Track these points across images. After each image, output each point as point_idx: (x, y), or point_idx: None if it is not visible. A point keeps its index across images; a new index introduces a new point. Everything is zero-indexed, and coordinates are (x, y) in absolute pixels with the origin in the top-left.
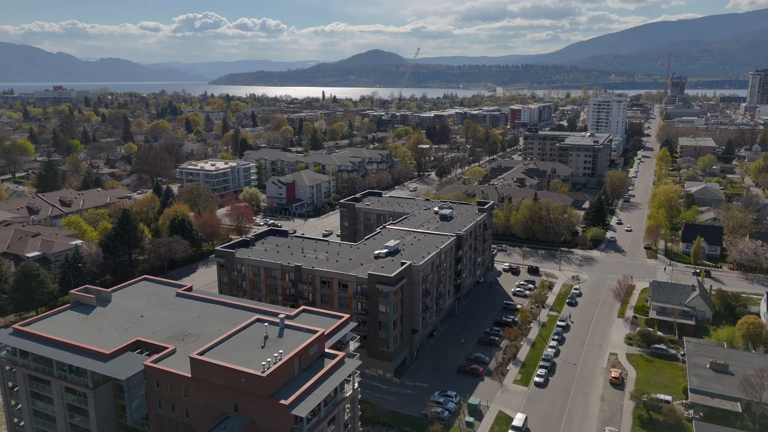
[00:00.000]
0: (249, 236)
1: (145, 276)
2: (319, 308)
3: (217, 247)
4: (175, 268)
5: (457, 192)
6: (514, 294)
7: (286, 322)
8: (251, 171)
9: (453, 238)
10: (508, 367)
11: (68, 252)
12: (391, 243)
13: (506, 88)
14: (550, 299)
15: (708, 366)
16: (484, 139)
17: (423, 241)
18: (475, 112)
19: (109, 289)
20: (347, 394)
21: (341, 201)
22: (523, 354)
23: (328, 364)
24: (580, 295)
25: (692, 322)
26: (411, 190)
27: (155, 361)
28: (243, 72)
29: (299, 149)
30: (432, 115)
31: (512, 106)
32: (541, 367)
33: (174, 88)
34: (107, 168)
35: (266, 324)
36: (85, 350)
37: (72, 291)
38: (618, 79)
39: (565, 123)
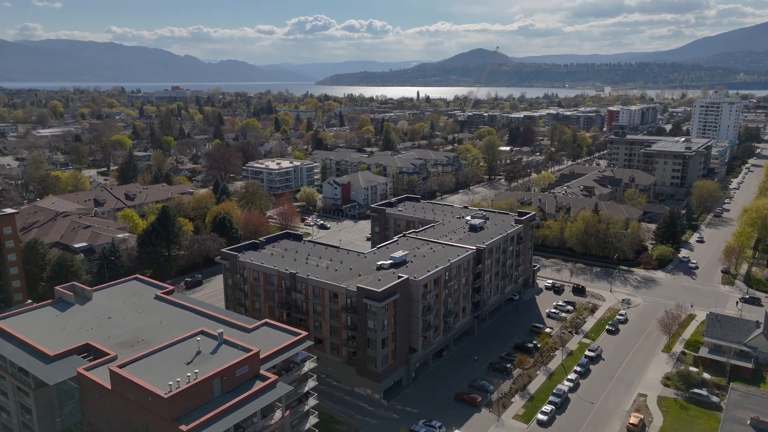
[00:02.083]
0: (261, 239)
1: (136, 276)
2: (312, 318)
3: (223, 249)
4: (209, 265)
5: (511, 199)
6: (548, 316)
7: (247, 334)
8: (314, 171)
9: (470, 252)
10: (512, 399)
11: (106, 245)
12: (399, 254)
13: (614, 88)
14: (588, 324)
15: (749, 422)
16: (571, 141)
17: (438, 253)
18: (568, 113)
19: (94, 288)
20: (273, 422)
21: (372, 206)
22: (535, 385)
23: (257, 387)
24: (624, 321)
25: (750, 365)
26: (461, 197)
27: (89, 368)
28: (347, 72)
29: (374, 149)
30: (521, 115)
31: (610, 107)
32: (550, 402)
33: (282, 88)
34: (190, 164)
35: (199, 339)
36: (35, 350)
37: (57, 287)
38: (747, 78)
39: (668, 127)
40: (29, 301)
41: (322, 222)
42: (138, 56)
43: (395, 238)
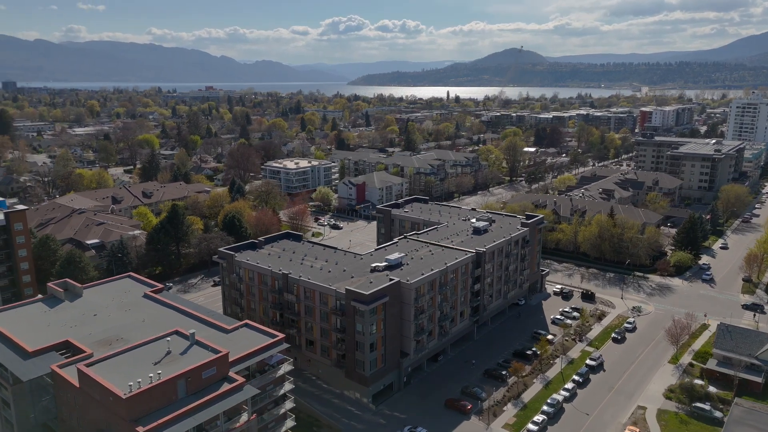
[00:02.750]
0: (260, 238)
1: (130, 273)
2: (303, 320)
3: (220, 249)
4: (217, 263)
5: (525, 202)
6: (553, 322)
7: (224, 335)
8: (332, 170)
9: (469, 255)
10: (504, 408)
11: (114, 242)
12: (394, 256)
13: (652, 88)
14: (594, 332)
15: None
16: (598, 143)
17: (437, 256)
18: (599, 114)
19: (87, 285)
20: (238, 425)
21: (378, 207)
22: (530, 394)
23: (223, 389)
24: (633, 330)
25: (759, 380)
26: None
27: (62, 366)
28: (379, 73)
29: (396, 149)
30: (551, 116)
31: (643, 108)
32: (543, 412)
33: (316, 88)
34: (214, 163)
35: (169, 339)
36: (16, 346)
37: (49, 284)
38: None
39: (703, 128)
40: (39, 296)
41: (335, 222)
42: (177, 57)
43: (395, 240)
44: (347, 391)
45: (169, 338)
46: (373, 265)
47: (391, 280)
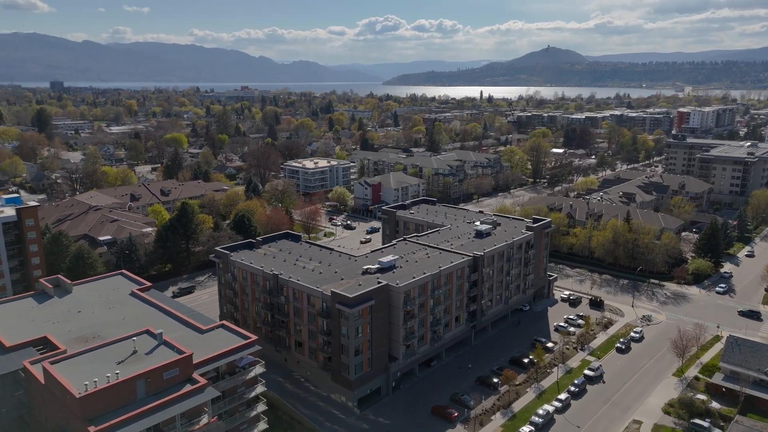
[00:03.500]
0: (258, 238)
1: (122, 271)
2: (292, 321)
3: (216, 248)
4: None
5: (539, 205)
6: (556, 329)
7: (199, 336)
8: (351, 170)
9: (465, 259)
10: (492, 417)
11: (123, 239)
12: (388, 258)
13: (695, 88)
14: (598, 341)
15: None
16: (629, 144)
17: (433, 259)
18: (633, 114)
19: (79, 281)
20: (197, 427)
21: (383, 208)
22: (522, 403)
23: (184, 390)
24: (639, 339)
25: (767, 397)
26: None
27: (33, 362)
28: (414, 73)
29: (419, 150)
30: (583, 116)
31: (681, 109)
32: (532, 423)
33: (351, 88)
34: (239, 161)
35: (135, 339)
36: None
37: (41, 279)
38: None
39: (743, 130)
40: (31, 291)
41: (348, 222)
42: (216, 57)
43: (393, 242)
44: (333, 395)
45: (135, 338)
46: (365, 267)
47: (379, 282)
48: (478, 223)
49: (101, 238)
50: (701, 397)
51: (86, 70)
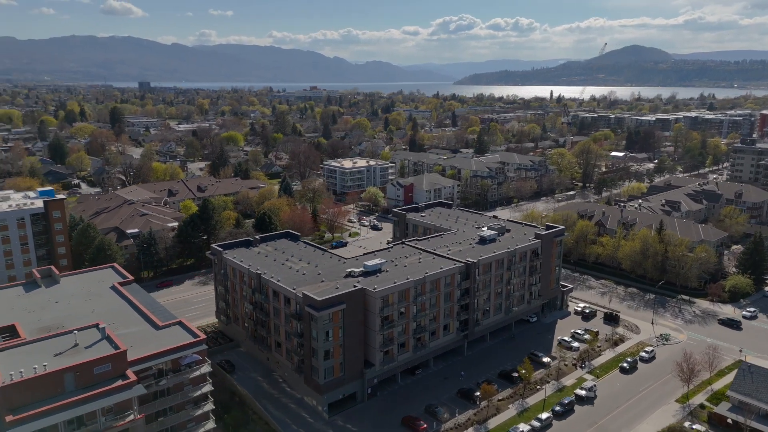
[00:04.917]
0: (257, 237)
1: (113, 264)
2: (272, 321)
3: (213, 245)
4: None
5: (569, 211)
6: (559, 343)
7: (154, 332)
8: (389, 171)
9: (456, 266)
10: None
11: (144, 233)
12: (373, 262)
13: None
14: (603, 358)
15: None
16: (697, 149)
17: (423, 264)
18: (709, 116)
19: (69, 272)
20: (122, 423)
21: (394, 210)
22: (499, 419)
23: (112, 386)
24: (649, 360)
25: None
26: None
27: None
28: (487, 72)
29: (469, 150)
30: (653, 118)
31: (763, 111)
32: None
33: (417, 88)
34: (288, 160)
35: (76, 333)
36: None
37: (34, 269)
38: None
39: None
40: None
41: (375, 223)
42: (293, 58)
43: (390, 245)
44: (306, 398)
45: (80, 331)
46: (349, 270)
47: (354, 286)
48: (485, 228)
49: (129, 231)
50: (698, 427)
51: (174, 71)
